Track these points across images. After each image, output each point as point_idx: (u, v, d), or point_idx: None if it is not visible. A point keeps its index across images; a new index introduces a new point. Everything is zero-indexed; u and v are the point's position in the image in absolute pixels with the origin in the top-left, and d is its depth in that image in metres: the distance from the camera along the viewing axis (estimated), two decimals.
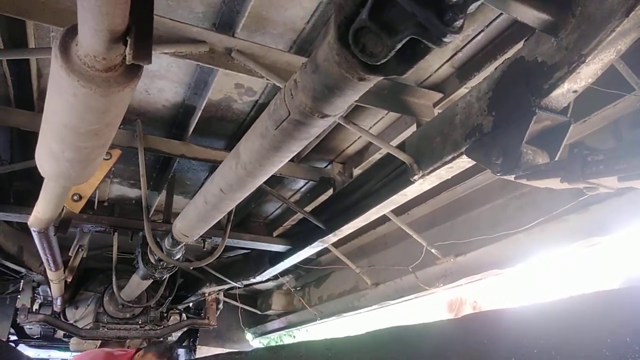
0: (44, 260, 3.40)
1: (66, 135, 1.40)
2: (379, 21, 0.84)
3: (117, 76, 1.22)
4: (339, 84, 1.01)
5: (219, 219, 2.33)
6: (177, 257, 3.21)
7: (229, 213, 2.93)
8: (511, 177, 1.76)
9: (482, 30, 2.20)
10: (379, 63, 0.89)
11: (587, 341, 0.98)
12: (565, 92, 1.65)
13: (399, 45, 0.85)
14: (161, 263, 3.33)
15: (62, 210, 2.71)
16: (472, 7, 0.82)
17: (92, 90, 1.20)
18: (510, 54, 2.12)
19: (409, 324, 1.61)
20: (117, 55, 1.18)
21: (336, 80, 1.01)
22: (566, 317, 1.07)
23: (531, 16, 1.48)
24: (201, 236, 2.87)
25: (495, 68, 1.87)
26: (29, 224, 2.62)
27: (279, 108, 1.22)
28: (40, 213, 2.33)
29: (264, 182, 3.51)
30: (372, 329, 1.74)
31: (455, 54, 2.38)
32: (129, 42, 1.12)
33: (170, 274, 3.74)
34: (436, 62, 2.45)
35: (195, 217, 2.33)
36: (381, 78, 0.97)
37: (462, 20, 0.79)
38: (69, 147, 1.47)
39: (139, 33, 1.13)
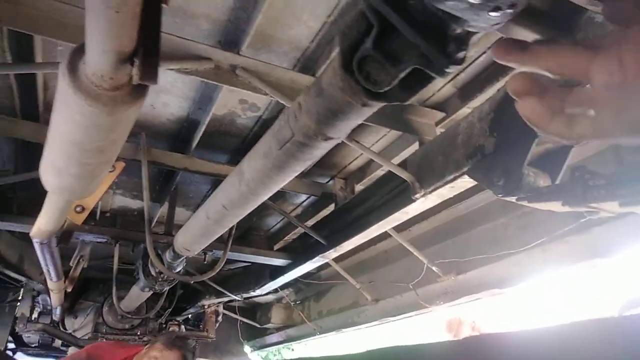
0: (44, 270, 3.40)
1: (72, 151, 1.41)
2: (383, 50, 0.86)
3: (123, 95, 1.24)
4: (342, 109, 1.02)
5: (220, 234, 2.34)
6: (178, 270, 3.22)
7: (231, 228, 2.94)
8: (512, 199, 1.77)
9: (484, 52, 2.22)
10: (382, 90, 0.90)
11: None
12: None
13: (403, 75, 0.86)
14: (162, 275, 3.34)
15: (65, 222, 2.72)
16: (475, 39, 0.83)
17: (98, 109, 1.22)
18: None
19: (408, 344, 1.61)
20: (124, 75, 1.19)
21: (340, 105, 1.02)
22: (567, 343, 1.06)
23: (532, 39, 1.49)
24: (202, 249, 2.88)
25: (498, 89, 1.89)
26: (31, 235, 2.64)
27: (283, 129, 1.23)
28: (43, 225, 2.34)
29: None
30: (371, 348, 1.74)
31: (457, 74, 2.39)
32: (136, 63, 1.14)
33: (171, 286, 3.75)
34: (439, 82, 2.47)
35: (197, 232, 2.33)
36: (384, 104, 0.98)
37: (464, 52, 0.80)
38: (74, 163, 1.48)
39: (147, 53, 1.15)
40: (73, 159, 1.45)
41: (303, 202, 3.96)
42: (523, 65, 0.63)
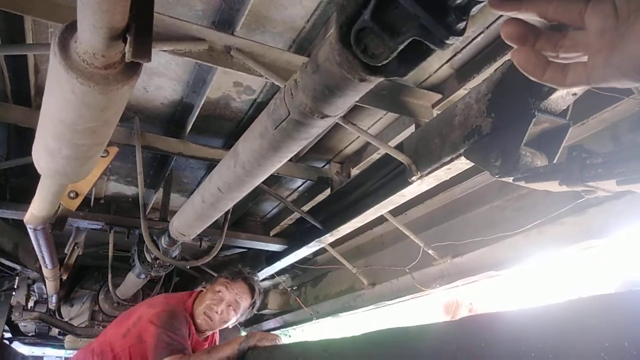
0: (39, 257, 3.39)
1: (63, 132, 1.39)
2: (381, 22, 0.84)
3: (116, 74, 1.22)
4: (339, 85, 1.01)
5: (216, 218, 2.32)
6: (174, 255, 3.20)
7: (226, 212, 2.92)
8: (509, 179, 1.76)
9: (482, 32, 2.19)
10: (380, 64, 0.88)
11: (585, 345, 0.98)
12: (564, 94, 1.64)
13: (401, 47, 0.84)
14: (157, 261, 3.32)
15: (59, 207, 2.70)
16: (475, 9, 0.81)
17: (90, 88, 1.20)
18: (510, 56, 2.12)
19: (406, 325, 1.60)
20: (117, 53, 1.17)
21: (337, 81, 1.00)
22: (564, 321, 1.06)
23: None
24: (198, 235, 2.86)
25: (495, 70, 1.87)
26: (25, 221, 2.62)
27: (278, 108, 1.21)
28: (36, 210, 2.32)
29: (262, 181, 3.50)
30: (369, 330, 1.73)
31: (454, 55, 2.37)
32: (128, 40, 1.12)
33: (167, 272, 3.74)
34: (435, 63, 2.45)
35: (192, 216, 2.32)
36: (382, 79, 0.96)
37: (464, 23, 0.79)
38: (66, 145, 1.46)
39: (139, 30, 1.12)
40: (65, 140, 1.43)
41: (299, 187, 3.95)
42: (520, 12, 0.64)
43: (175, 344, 2.42)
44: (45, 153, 1.57)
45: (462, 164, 2.06)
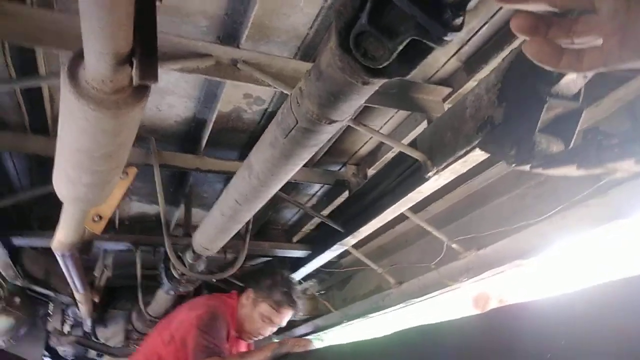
0: (70, 282, 3.45)
1: (81, 160, 1.42)
2: (379, 25, 0.85)
3: (126, 97, 1.24)
4: (343, 90, 1.02)
5: (237, 230, 2.34)
6: (200, 269, 3.24)
7: (247, 223, 2.95)
8: (526, 168, 1.74)
9: (486, 22, 2.18)
10: (381, 66, 0.89)
11: (615, 330, 0.96)
12: (575, 77, 1.62)
13: (401, 47, 0.85)
14: (184, 277, 3.36)
15: (84, 232, 2.75)
16: (472, 4, 0.81)
17: (102, 114, 1.23)
18: (516, 43, 2.10)
19: (434, 322, 1.60)
20: (124, 77, 1.20)
21: (340, 86, 1.01)
22: (594, 306, 1.04)
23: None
24: (222, 247, 2.89)
25: (503, 59, 1.85)
26: (52, 248, 2.67)
27: (286, 117, 1.23)
28: (62, 237, 2.38)
29: (279, 190, 3.53)
30: (398, 329, 1.73)
31: (461, 47, 2.36)
32: (134, 64, 1.14)
33: (195, 287, 3.77)
34: (442, 57, 2.43)
35: (213, 230, 2.34)
36: (385, 81, 0.97)
37: (461, 18, 0.79)
38: (85, 172, 1.49)
39: (144, 54, 1.15)
40: (84, 168, 1.46)
41: (317, 192, 3.96)
42: (527, 3, 0.62)
43: (212, 347, 2.50)
44: (65, 181, 1.61)
45: (478, 155, 2.04)
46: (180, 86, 2.60)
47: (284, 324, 3.11)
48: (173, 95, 2.67)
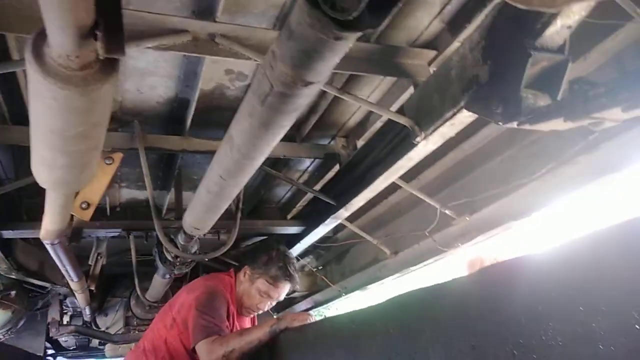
0: (63, 271, 3.43)
1: (54, 141, 1.38)
2: None
3: (94, 73, 1.19)
4: (316, 47, 0.98)
5: (226, 207, 2.31)
6: (193, 251, 3.22)
7: (237, 201, 2.92)
8: (514, 125, 1.71)
9: None
10: (351, 17, 0.85)
11: (607, 276, 0.95)
12: (559, 29, 1.58)
13: None
14: (178, 259, 3.35)
15: (73, 219, 2.72)
16: None
17: (71, 91, 1.18)
18: None
19: (427, 285, 1.59)
20: (90, 52, 1.15)
21: (313, 44, 0.97)
22: (586, 255, 1.03)
23: None
24: (213, 227, 2.87)
25: (486, 15, 1.81)
26: (40, 237, 2.64)
27: (261, 83, 1.19)
28: (48, 225, 2.34)
29: (270, 167, 3.50)
30: (392, 296, 1.73)
31: (443, 7, 2.30)
32: (99, 36, 1.09)
33: (190, 268, 3.76)
34: (425, 19, 2.38)
35: (201, 209, 2.31)
36: (358, 34, 0.92)
37: None
38: (60, 153, 1.45)
39: (109, 25, 1.10)
40: (58, 149, 1.42)
41: (308, 167, 3.92)
42: None
43: (212, 326, 2.51)
44: (42, 165, 1.57)
45: (465, 117, 2.01)
46: (159, 66, 2.54)
47: (282, 298, 3.13)
48: (153, 75, 2.61)
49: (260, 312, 3.13)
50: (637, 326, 0.85)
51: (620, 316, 0.87)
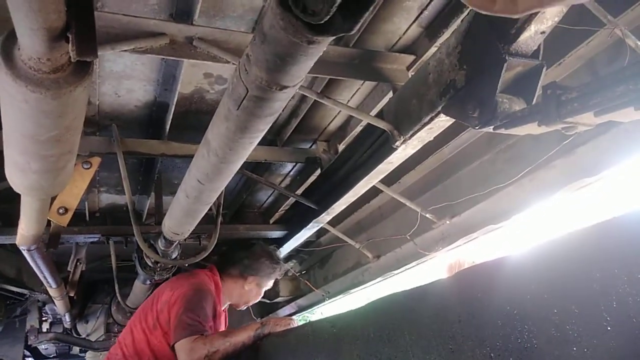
0: (41, 278, 3.38)
1: (27, 145, 1.36)
2: None
3: (66, 76, 1.18)
4: (289, 51, 0.98)
5: (205, 212, 2.30)
6: (174, 257, 3.19)
7: (218, 206, 2.90)
8: (490, 129, 1.73)
9: None
10: (323, 21, 0.85)
11: (579, 278, 0.96)
12: (532, 34, 1.61)
13: (339, 0, 0.81)
14: (158, 265, 3.31)
15: (50, 225, 2.67)
16: None
17: (42, 95, 1.16)
18: None
19: (407, 289, 1.60)
20: (62, 55, 1.13)
21: (286, 47, 0.97)
22: (559, 257, 1.04)
23: None
24: (194, 232, 2.84)
25: (462, 20, 1.83)
26: (17, 243, 2.59)
27: (236, 86, 1.18)
28: (24, 230, 2.30)
29: (252, 171, 3.48)
30: (373, 299, 1.73)
31: (421, 12, 2.32)
32: (70, 39, 1.08)
33: (171, 274, 3.72)
34: (403, 24, 2.39)
35: (180, 214, 2.29)
36: (331, 38, 0.93)
37: None
38: (33, 158, 1.43)
39: (80, 28, 1.09)
40: (31, 154, 1.40)
41: (290, 171, 3.91)
42: None
43: (196, 324, 2.43)
44: (15, 170, 1.55)
45: (443, 121, 2.03)
46: (137, 69, 2.51)
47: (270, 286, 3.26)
48: (131, 79, 2.59)
49: (249, 305, 3.23)
50: (608, 327, 0.86)
51: (591, 318, 0.89)
